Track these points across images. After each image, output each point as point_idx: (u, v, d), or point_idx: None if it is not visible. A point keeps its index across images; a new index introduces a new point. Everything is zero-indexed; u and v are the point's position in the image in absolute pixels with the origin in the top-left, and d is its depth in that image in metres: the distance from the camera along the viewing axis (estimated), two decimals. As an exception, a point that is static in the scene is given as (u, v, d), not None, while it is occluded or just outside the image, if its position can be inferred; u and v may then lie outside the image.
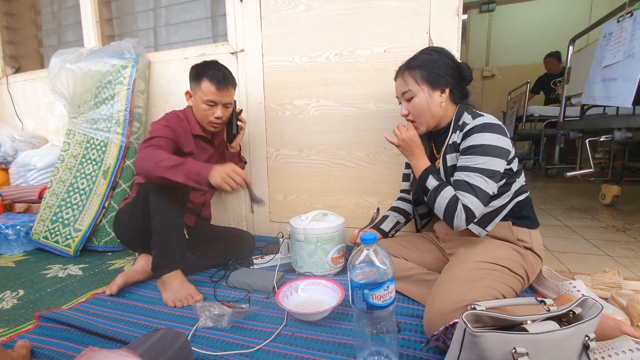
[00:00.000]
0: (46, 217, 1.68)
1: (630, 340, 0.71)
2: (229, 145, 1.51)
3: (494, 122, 0.94)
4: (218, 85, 1.28)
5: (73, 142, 1.75)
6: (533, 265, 0.97)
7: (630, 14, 1.79)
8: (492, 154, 0.91)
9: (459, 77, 1.04)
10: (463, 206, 0.91)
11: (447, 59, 1.03)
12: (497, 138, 0.92)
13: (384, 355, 0.76)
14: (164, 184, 1.11)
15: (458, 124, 1.02)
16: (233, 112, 1.42)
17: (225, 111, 1.34)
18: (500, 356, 0.57)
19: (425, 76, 1.01)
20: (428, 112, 1.03)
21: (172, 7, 1.98)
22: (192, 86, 1.34)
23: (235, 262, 1.41)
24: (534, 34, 5.12)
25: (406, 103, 1.06)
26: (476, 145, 0.92)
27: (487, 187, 0.91)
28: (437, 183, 0.98)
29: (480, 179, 0.91)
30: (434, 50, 1.04)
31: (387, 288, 0.73)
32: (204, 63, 1.33)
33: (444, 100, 1.02)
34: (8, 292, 1.24)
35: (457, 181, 0.94)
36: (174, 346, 0.67)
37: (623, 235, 1.68)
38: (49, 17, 2.37)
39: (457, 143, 0.99)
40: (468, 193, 0.91)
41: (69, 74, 1.73)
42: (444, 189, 0.96)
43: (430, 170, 1.02)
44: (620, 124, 1.90)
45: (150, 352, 0.63)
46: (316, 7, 1.52)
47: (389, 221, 1.27)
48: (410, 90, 1.03)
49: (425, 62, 1.02)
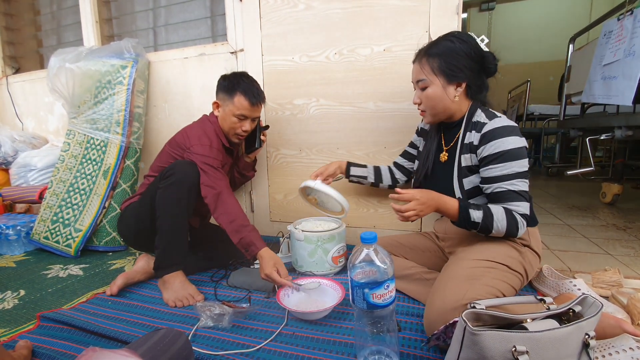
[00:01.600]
0: (47, 218, 1.68)
1: (631, 338, 0.71)
2: (246, 156, 1.51)
3: (511, 124, 0.92)
4: (252, 101, 1.28)
5: (73, 142, 1.75)
6: (531, 263, 0.97)
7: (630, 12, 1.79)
8: (521, 156, 0.90)
9: (480, 69, 0.99)
10: (521, 215, 0.89)
11: (471, 49, 0.96)
12: (519, 140, 0.90)
13: (385, 354, 0.76)
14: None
15: (471, 121, 0.98)
16: (257, 125, 1.41)
17: (252, 125, 1.35)
18: (500, 354, 0.57)
19: (442, 67, 0.96)
20: (440, 104, 1.00)
21: (171, 7, 1.98)
22: (222, 97, 1.31)
23: (236, 261, 1.41)
24: (534, 32, 5.12)
25: (419, 91, 1.03)
26: (505, 151, 0.89)
27: (527, 187, 0.92)
28: (481, 212, 0.89)
29: (522, 183, 0.91)
30: (458, 38, 0.97)
31: (388, 287, 0.73)
32: (235, 75, 1.32)
33: (459, 94, 0.98)
34: (9, 292, 1.24)
35: (502, 192, 0.90)
36: (175, 346, 0.67)
37: (623, 234, 1.67)
38: (48, 17, 2.37)
39: (474, 144, 0.96)
40: (519, 201, 0.90)
41: (68, 73, 1.73)
42: (494, 213, 0.88)
43: (464, 207, 0.90)
44: (620, 122, 1.90)
45: (151, 352, 0.63)
46: (316, 6, 1.52)
47: (359, 170, 1.34)
48: (424, 80, 0.99)
49: (446, 50, 0.96)
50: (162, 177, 1.17)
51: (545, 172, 3.70)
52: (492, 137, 0.91)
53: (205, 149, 1.24)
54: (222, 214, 1.15)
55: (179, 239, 1.17)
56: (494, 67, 0.99)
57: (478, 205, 0.91)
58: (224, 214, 1.14)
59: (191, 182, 1.16)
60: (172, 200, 1.14)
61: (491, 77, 1.04)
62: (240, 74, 1.34)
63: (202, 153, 1.22)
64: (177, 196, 1.15)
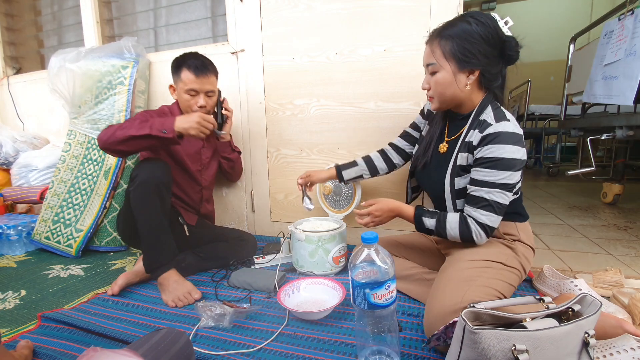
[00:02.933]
0: (48, 218, 1.68)
1: (632, 338, 0.71)
2: (219, 136, 1.51)
3: (516, 132, 0.86)
4: (197, 73, 1.29)
5: (74, 142, 1.76)
6: (525, 256, 0.97)
7: (631, 11, 1.79)
8: (513, 167, 0.85)
9: (499, 56, 0.90)
10: (479, 224, 0.88)
11: (489, 33, 0.87)
12: (518, 150, 0.85)
13: (386, 354, 0.76)
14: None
15: (478, 118, 0.91)
16: (217, 101, 1.42)
17: (208, 100, 1.35)
18: (500, 353, 0.57)
19: (454, 51, 0.88)
20: (449, 92, 0.93)
21: (172, 7, 1.98)
22: (174, 79, 1.35)
23: (237, 262, 1.41)
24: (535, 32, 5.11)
25: (429, 76, 0.95)
26: (498, 158, 0.85)
27: (505, 200, 0.88)
28: (434, 220, 0.94)
29: (500, 195, 0.86)
30: (476, 19, 0.88)
31: (389, 287, 0.73)
32: (183, 54, 1.34)
33: (471, 82, 0.91)
34: (10, 293, 1.25)
35: (476, 197, 0.89)
36: (176, 346, 0.67)
37: (624, 234, 1.67)
38: (49, 18, 2.38)
39: (472, 144, 0.91)
40: (486, 210, 0.87)
41: (69, 74, 1.73)
42: (446, 220, 0.92)
43: (418, 214, 0.97)
44: (621, 122, 1.89)
45: (152, 351, 0.63)
46: (316, 7, 1.52)
47: (353, 171, 1.27)
48: (434, 64, 0.92)
49: (461, 33, 0.87)
50: (130, 179, 1.16)
51: (546, 172, 3.70)
52: (492, 140, 0.86)
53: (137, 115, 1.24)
54: (106, 131, 1.12)
55: (161, 238, 1.16)
56: (516, 54, 0.90)
57: (433, 212, 0.96)
58: (120, 128, 1.11)
59: (158, 179, 1.13)
60: (143, 201, 1.13)
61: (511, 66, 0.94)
62: (188, 53, 1.35)
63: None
64: (146, 197, 1.12)
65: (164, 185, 1.15)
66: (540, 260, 1.34)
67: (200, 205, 1.49)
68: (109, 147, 1.13)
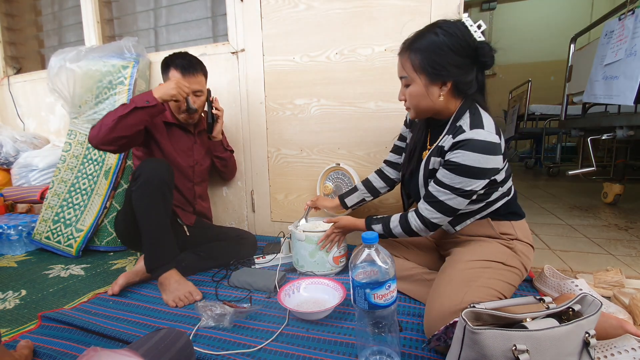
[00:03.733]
0: (48, 218, 1.68)
1: (633, 339, 0.71)
2: (210, 135, 1.51)
3: (488, 140, 0.83)
4: (183, 72, 1.29)
5: (74, 142, 1.76)
6: (525, 253, 0.96)
7: (631, 11, 1.79)
8: (473, 175, 0.84)
9: (472, 63, 0.88)
10: (419, 216, 0.94)
11: (459, 43, 0.85)
12: (485, 159, 0.83)
13: (386, 354, 0.76)
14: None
15: (456, 124, 0.90)
16: (207, 100, 1.42)
17: (196, 99, 1.35)
18: (500, 353, 0.57)
19: (424, 65, 0.87)
20: (424, 104, 0.92)
21: (172, 7, 1.98)
22: (163, 78, 1.36)
23: (237, 261, 1.41)
24: (535, 32, 5.11)
25: (403, 87, 0.96)
26: (459, 164, 0.84)
27: (455, 204, 0.89)
28: (380, 225, 1.03)
29: (449, 197, 0.88)
30: (444, 31, 0.86)
31: (389, 287, 0.73)
32: (172, 54, 1.34)
33: (444, 93, 0.90)
34: (10, 292, 1.25)
35: (428, 191, 0.93)
36: (176, 346, 0.67)
37: (625, 234, 1.67)
38: (49, 18, 2.38)
39: (444, 149, 0.90)
40: (431, 206, 0.92)
41: (69, 73, 1.73)
42: (389, 222, 1.01)
43: (368, 223, 1.07)
44: (622, 122, 1.89)
45: (152, 351, 0.63)
46: (316, 6, 1.52)
47: (354, 197, 1.30)
48: (406, 77, 0.92)
49: (430, 46, 0.86)
50: (132, 178, 1.16)
51: (547, 172, 3.70)
52: (461, 146, 0.84)
53: None
54: (94, 126, 1.15)
55: (163, 238, 1.16)
56: (490, 59, 0.88)
57: (380, 218, 1.05)
58: (107, 116, 1.15)
59: (160, 179, 1.14)
60: (146, 201, 1.13)
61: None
62: (177, 53, 1.35)
63: None
64: (149, 196, 1.13)
65: (166, 184, 1.15)
66: (541, 260, 1.34)
67: (194, 203, 1.48)
68: (101, 140, 1.15)
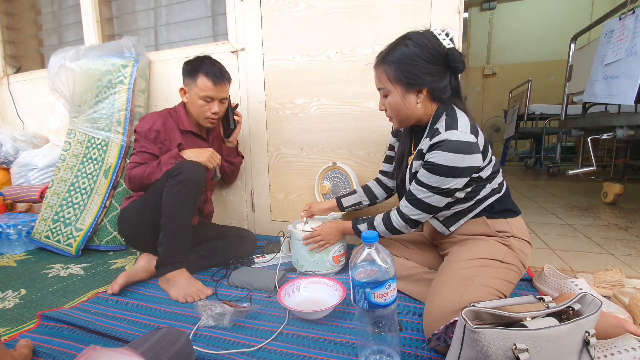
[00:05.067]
0: (47, 217, 1.68)
1: (633, 338, 0.71)
2: (227, 140, 1.51)
3: (462, 140, 0.86)
4: (215, 81, 1.29)
5: (74, 141, 1.76)
6: (522, 250, 0.96)
7: (632, 11, 1.79)
8: (449, 174, 0.87)
9: (445, 70, 0.92)
10: (399, 213, 0.99)
11: (430, 52, 0.89)
12: (460, 158, 0.86)
13: (386, 353, 0.76)
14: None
15: (433, 127, 0.93)
16: (229, 107, 1.43)
17: (221, 106, 1.36)
18: (500, 352, 0.57)
19: (398, 75, 0.92)
20: (403, 112, 0.96)
21: (172, 6, 1.98)
22: (187, 82, 1.34)
23: (237, 261, 1.41)
24: (535, 32, 5.11)
25: (382, 98, 1.00)
26: (435, 164, 0.88)
27: (434, 202, 0.93)
28: (365, 224, 1.09)
29: (427, 195, 0.92)
30: (414, 42, 0.90)
31: (389, 287, 0.73)
32: (198, 58, 1.34)
33: (421, 100, 0.94)
34: (10, 292, 1.24)
35: (409, 190, 0.97)
36: (176, 345, 0.67)
37: (625, 234, 1.67)
38: (49, 17, 2.37)
39: (423, 152, 0.94)
40: (410, 204, 0.97)
41: (69, 72, 1.73)
42: (373, 221, 1.06)
43: (354, 224, 1.12)
44: (622, 122, 1.89)
45: (152, 350, 0.63)
46: (317, 6, 1.52)
47: (351, 198, 1.31)
48: (384, 88, 0.96)
49: (401, 58, 0.91)
50: (169, 175, 1.17)
51: (547, 171, 3.70)
52: (437, 147, 0.88)
53: (139, 135, 1.30)
54: (140, 174, 1.23)
55: (183, 237, 1.18)
56: (461, 64, 0.91)
57: (364, 219, 1.10)
58: (140, 173, 1.23)
59: (198, 181, 1.18)
60: (179, 198, 1.15)
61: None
62: (203, 57, 1.34)
63: (135, 139, 1.32)
64: (184, 195, 1.15)
65: (200, 187, 1.19)
66: (541, 259, 1.34)
67: (203, 206, 1.50)
68: (139, 190, 1.29)
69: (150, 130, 1.28)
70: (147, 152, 1.28)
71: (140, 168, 1.23)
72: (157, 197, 1.18)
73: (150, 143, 1.28)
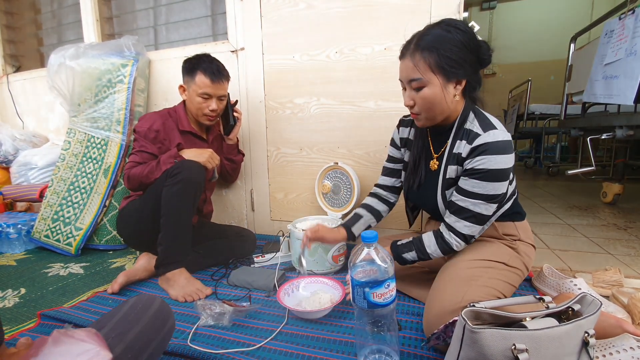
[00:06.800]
0: (47, 216, 1.68)
1: (632, 338, 0.71)
2: (227, 138, 1.51)
3: (506, 139, 0.83)
4: (212, 78, 1.30)
5: (74, 140, 1.76)
6: (527, 254, 0.96)
7: (632, 11, 1.79)
8: (502, 178, 0.83)
9: (477, 62, 0.86)
10: (460, 235, 0.88)
11: (469, 40, 0.83)
12: (509, 159, 0.83)
13: (385, 353, 0.76)
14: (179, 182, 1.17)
15: (463, 128, 0.88)
16: (228, 104, 1.43)
17: (219, 104, 1.36)
18: (500, 352, 0.57)
19: (441, 63, 0.82)
20: (438, 107, 0.87)
21: (172, 6, 1.98)
22: (186, 80, 1.35)
23: (236, 260, 1.41)
24: (535, 31, 5.11)
25: (412, 92, 0.88)
26: (487, 169, 0.82)
27: (489, 211, 0.87)
28: (413, 252, 0.93)
29: (484, 206, 0.85)
30: (455, 27, 0.83)
31: (388, 286, 0.73)
32: (197, 56, 1.34)
33: (458, 93, 0.87)
34: (10, 291, 1.25)
35: (461, 207, 0.87)
36: (149, 312, 0.61)
37: (624, 234, 1.67)
38: (49, 16, 2.37)
39: (462, 157, 0.88)
40: (469, 222, 0.87)
41: (69, 71, 1.72)
42: (424, 245, 0.92)
43: (397, 254, 0.95)
44: (621, 122, 1.89)
45: (122, 323, 0.57)
46: (316, 5, 1.52)
47: (361, 224, 1.15)
48: (420, 79, 0.85)
49: (442, 42, 0.82)
50: (169, 175, 1.17)
51: (546, 171, 3.70)
52: (483, 152, 0.82)
53: (138, 134, 1.30)
54: (139, 173, 1.23)
55: (183, 236, 1.18)
56: (489, 57, 0.86)
57: (407, 244, 0.95)
58: (139, 173, 1.23)
59: (197, 181, 1.18)
60: (179, 198, 1.15)
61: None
62: (201, 55, 1.35)
63: (134, 139, 1.32)
64: (183, 194, 1.15)
65: (200, 187, 1.20)
66: (540, 259, 1.34)
67: (203, 206, 1.50)
68: (138, 190, 1.29)
69: (149, 129, 1.29)
70: (147, 152, 1.28)
71: (140, 167, 1.24)
72: (156, 197, 1.18)
73: (149, 143, 1.29)
